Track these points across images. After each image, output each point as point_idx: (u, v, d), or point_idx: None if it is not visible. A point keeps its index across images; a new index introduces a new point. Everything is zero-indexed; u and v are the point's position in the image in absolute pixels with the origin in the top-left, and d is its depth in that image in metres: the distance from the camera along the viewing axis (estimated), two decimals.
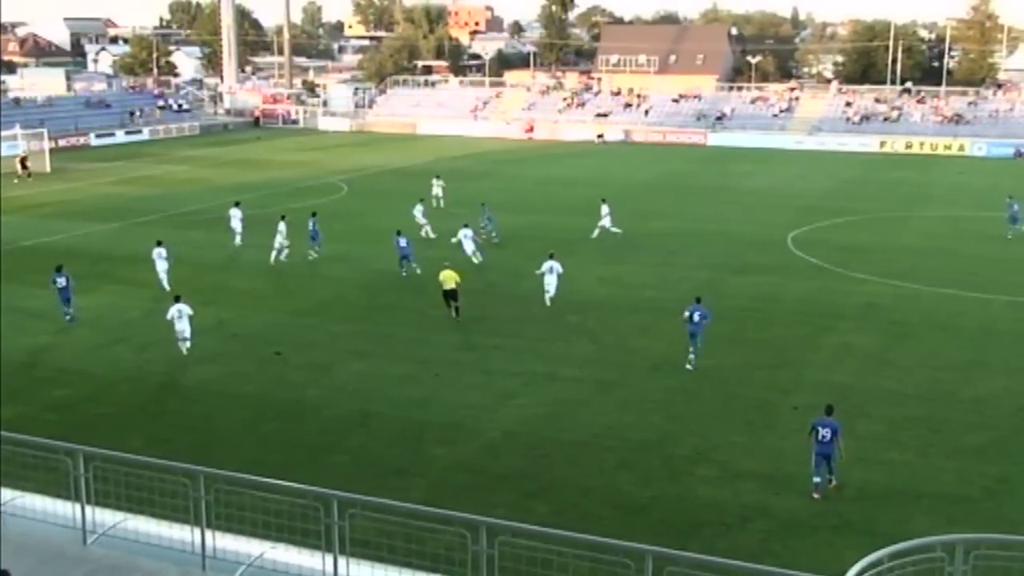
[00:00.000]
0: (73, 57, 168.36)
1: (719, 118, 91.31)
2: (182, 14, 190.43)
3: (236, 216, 42.41)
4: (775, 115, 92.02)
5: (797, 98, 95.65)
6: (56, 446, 11.64)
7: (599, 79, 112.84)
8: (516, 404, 24.44)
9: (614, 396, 25.01)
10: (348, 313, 32.48)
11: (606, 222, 43.63)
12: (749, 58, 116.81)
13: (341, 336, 29.86)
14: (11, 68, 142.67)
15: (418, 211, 44.54)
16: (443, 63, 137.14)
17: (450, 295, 31.37)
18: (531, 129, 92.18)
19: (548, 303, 32.79)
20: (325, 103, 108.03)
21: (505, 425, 23.08)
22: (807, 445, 19.50)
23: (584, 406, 24.29)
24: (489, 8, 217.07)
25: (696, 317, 26.64)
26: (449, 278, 31.35)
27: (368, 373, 26.56)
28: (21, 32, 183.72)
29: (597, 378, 26.20)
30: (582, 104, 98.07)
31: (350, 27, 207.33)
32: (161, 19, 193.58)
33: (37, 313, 32.03)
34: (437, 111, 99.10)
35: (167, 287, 32.75)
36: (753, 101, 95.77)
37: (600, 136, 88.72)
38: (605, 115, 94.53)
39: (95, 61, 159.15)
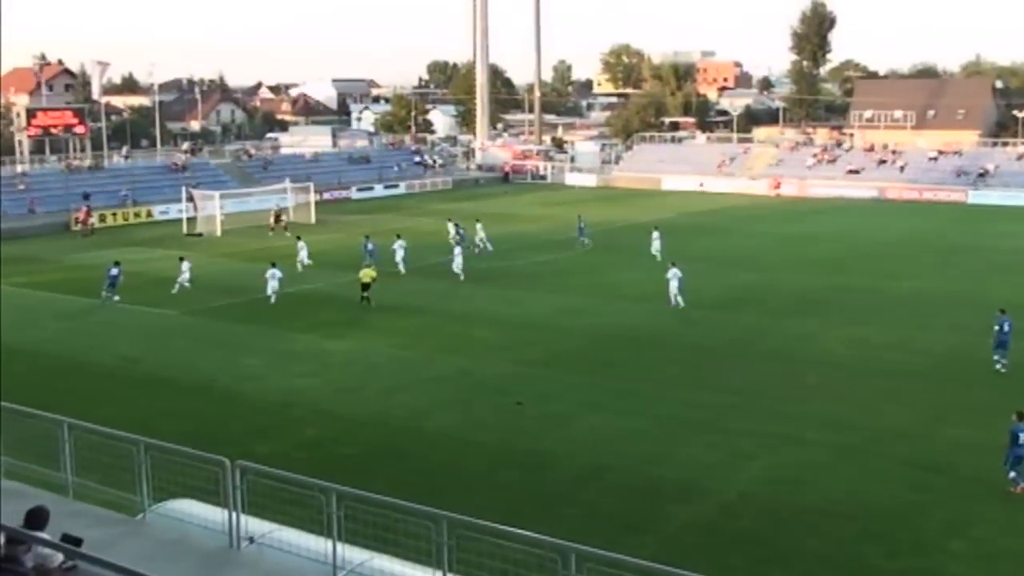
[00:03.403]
0: (339, 115, 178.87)
1: (981, 175, 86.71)
2: (439, 74, 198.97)
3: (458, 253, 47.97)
4: None
5: None
6: (312, 483, 12.33)
7: (851, 135, 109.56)
8: (754, 465, 23.96)
9: (857, 462, 24.08)
10: (584, 365, 32.79)
11: (482, 235, 53.73)
12: (1015, 112, 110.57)
13: (577, 388, 30.17)
14: (284, 126, 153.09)
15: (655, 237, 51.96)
16: (690, 119, 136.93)
17: (364, 287, 40.86)
18: (778, 186, 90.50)
19: (679, 304, 39.84)
20: (572, 159, 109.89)
21: (742, 486, 22.66)
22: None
23: (825, 471, 23.52)
24: (738, 64, 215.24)
25: (1007, 327, 30.81)
26: (366, 275, 41.29)
27: (603, 426, 26.69)
28: (294, 93, 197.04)
29: (839, 442, 25.31)
30: (832, 160, 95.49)
31: (599, 85, 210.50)
32: (420, 79, 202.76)
33: (295, 356, 34.12)
34: (682, 167, 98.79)
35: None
36: (1020, 157, 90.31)
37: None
38: (857, 172, 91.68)
39: (358, 119, 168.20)
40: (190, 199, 67.84)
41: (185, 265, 44.69)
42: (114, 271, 43.11)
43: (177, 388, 30.39)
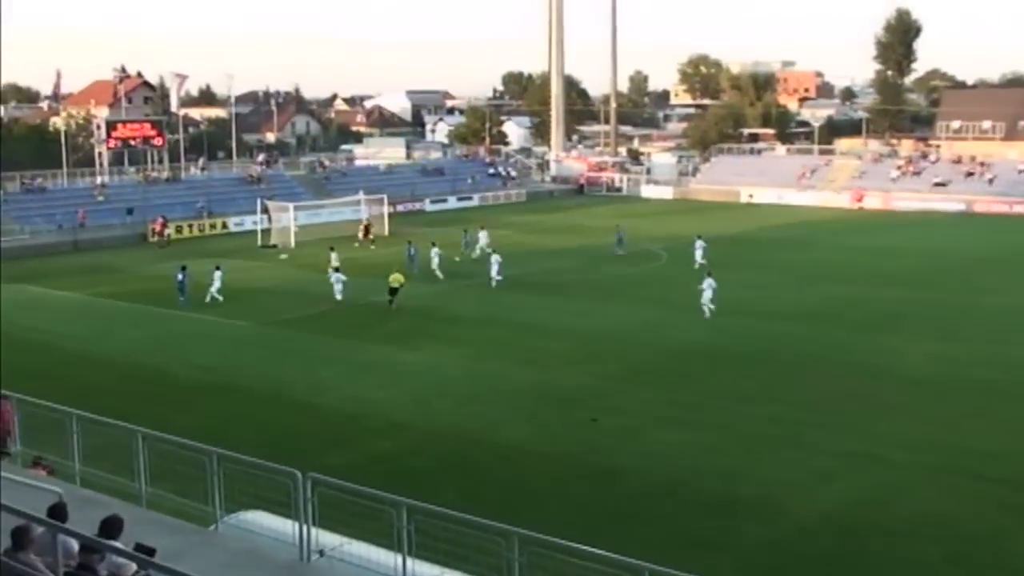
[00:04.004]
0: (413, 127, 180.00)
1: None
2: (514, 85, 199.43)
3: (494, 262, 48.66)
4: None
5: None
6: (382, 497, 12.24)
7: (938, 146, 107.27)
8: (833, 484, 23.37)
9: (941, 482, 23.38)
10: (659, 379, 32.39)
11: (484, 241, 52.74)
12: None
13: (651, 402, 29.78)
14: (358, 138, 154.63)
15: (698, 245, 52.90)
16: (769, 131, 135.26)
17: (392, 292, 42.55)
18: (860, 198, 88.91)
19: (711, 313, 40.09)
20: (648, 171, 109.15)
21: (821, 506, 22.10)
22: None
23: (908, 492, 22.85)
24: (819, 74, 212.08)
25: None
26: (395, 279, 42.89)
27: (678, 441, 26.27)
28: (369, 105, 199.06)
29: (923, 461, 24.59)
30: (918, 173, 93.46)
31: (676, 95, 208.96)
32: (494, 90, 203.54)
33: (369, 367, 34.24)
34: (762, 179, 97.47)
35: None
36: None
37: None
38: (943, 184, 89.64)
39: (432, 131, 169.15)
40: (265, 211, 68.72)
41: (217, 274, 45.32)
42: (180, 276, 44.77)
43: (252, 398, 30.67)
